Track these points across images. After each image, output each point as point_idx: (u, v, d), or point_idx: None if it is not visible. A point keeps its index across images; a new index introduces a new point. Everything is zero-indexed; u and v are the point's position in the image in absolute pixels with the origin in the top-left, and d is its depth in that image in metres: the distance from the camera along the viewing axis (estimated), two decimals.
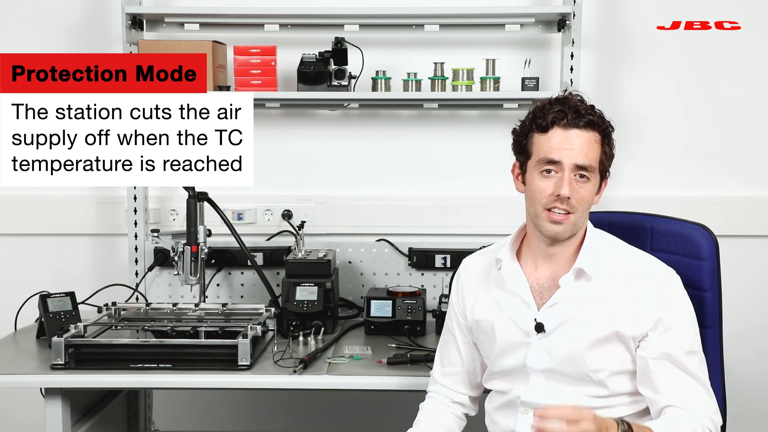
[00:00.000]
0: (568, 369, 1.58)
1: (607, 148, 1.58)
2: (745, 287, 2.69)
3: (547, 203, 1.55)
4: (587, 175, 1.54)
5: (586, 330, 1.55)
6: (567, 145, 1.53)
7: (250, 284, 2.65)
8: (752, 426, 2.78)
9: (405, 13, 2.53)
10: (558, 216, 1.54)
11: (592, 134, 1.55)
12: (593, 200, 1.60)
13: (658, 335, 1.53)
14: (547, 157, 1.55)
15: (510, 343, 1.64)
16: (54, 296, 2.24)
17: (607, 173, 1.63)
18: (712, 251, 1.68)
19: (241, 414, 2.87)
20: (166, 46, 2.46)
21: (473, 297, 1.73)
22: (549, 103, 1.58)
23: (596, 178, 1.58)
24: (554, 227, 1.55)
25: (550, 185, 1.54)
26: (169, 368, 1.99)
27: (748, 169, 2.71)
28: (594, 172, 1.56)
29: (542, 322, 1.59)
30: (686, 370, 1.52)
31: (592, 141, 1.55)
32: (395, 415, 2.83)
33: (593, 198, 1.59)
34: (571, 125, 1.54)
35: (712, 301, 1.67)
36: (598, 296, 1.57)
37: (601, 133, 1.57)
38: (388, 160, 2.73)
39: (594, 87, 2.67)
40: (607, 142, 1.58)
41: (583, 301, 1.57)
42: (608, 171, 1.62)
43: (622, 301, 1.55)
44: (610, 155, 1.60)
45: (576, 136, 1.53)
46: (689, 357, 1.53)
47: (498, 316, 1.66)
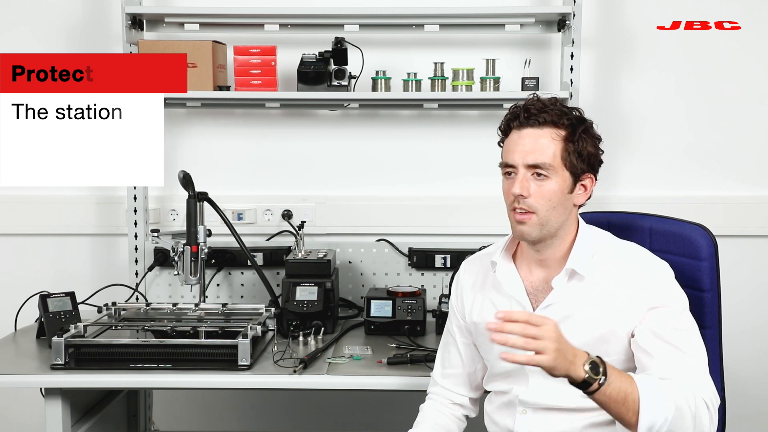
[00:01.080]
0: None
1: (577, 143, 1.54)
2: (745, 287, 2.69)
3: (510, 204, 1.58)
4: (543, 173, 1.53)
5: (581, 330, 1.55)
6: (519, 145, 1.55)
7: (250, 284, 2.65)
8: (752, 426, 2.78)
9: (405, 13, 2.53)
10: (520, 216, 1.55)
11: (549, 131, 1.53)
12: (566, 199, 1.56)
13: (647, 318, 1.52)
14: (503, 161, 1.59)
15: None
16: (54, 296, 2.24)
17: (588, 170, 1.57)
18: (711, 251, 1.67)
19: (241, 414, 2.87)
20: (166, 46, 2.46)
21: (471, 299, 1.74)
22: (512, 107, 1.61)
23: (562, 175, 1.54)
24: (519, 227, 1.56)
25: (509, 186, 1.56)
26: (169, 368, 1.99)
27: (748, 169, 2.71)
28: (552, 169, 1.53)
29: None
30: (677, 346, 1.48)
31: (548, 138, 1.53)
32: (395, 415, 2.83)
33: (561, 196, 1.55)
34: (523, 125, 1.55)
35: (712, 301, 1.66)
36: (592, 296, 1.57)
37: (565, 128, 1.54)
38: (388, 160, 2.73)
39: (594, 87, 2.67)
40: (576, 137, 1.54)
41: (578, 301, 1.57)
42: (585, 167, 1.57)
43: (615, 299, 1.54)
44: (583, 151, 1.55)
45: (528, 135, 1.54)
46: (680, 333, 1.50)
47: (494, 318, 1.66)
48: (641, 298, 1.53)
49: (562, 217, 1.57)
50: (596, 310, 1.56)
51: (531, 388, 1.62)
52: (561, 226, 1.58)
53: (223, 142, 2.73)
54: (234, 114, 2.74)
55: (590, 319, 1.56)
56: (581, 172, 1.57)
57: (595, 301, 1.56)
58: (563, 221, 1.58)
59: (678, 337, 1.50)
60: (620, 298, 1.54)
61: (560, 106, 1.57)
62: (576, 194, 1.58)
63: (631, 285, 1.55)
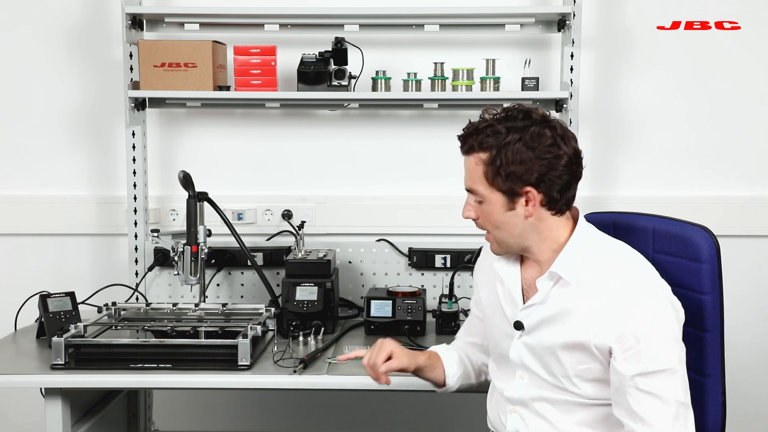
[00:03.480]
0: (540, 370, 1.60)
1: (500, 164, 1.52)
2: (745, 287, 2.69)
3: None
4: (477, 198, 1.59)
5: (555, 335, 1.55)
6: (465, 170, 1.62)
7: (250, 284, 2.65)
8: (752, 426, 2.78)
9: (405, 13, 2.53)
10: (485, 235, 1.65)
11: (474, 156, 1.57)
12: (509, 217, 1.56)
13: (622, 354, 1.47)
14: None
15: (502, 332, 1.69)
16: (54, 296, 2.24)
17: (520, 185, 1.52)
18: (712, 253, 1.64)
19: (241, 414, 2.87)
20: (165, 46, 2.46)
21: (484, 280, 1.78)
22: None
23: (493, 197, 1.55)
24: (490, 245, 1.66)
25: None
26: (169, 368, 1.99)
27: (748, 169, 2.71)
28: (481, 193, 1.57)
29: (521, 320, 1.62)
30: (650, 392, 1.44)
31: (473, 163, 1.57)
32: (395, 415, 2.85)
33: (501, 216, 1.56)
34: (463, 153, 1.62)
35: (713, 304, 1.63)
36: (574, 301, 1.54)
37: (487, 151, 1.54)
38: (388, 160, 2.73)
39: (594, 87, 2.67)
40: (499, 158, 1.52)
41: (561, 307, 1.56)
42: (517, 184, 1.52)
43: (591, 309, 1.51)
44: (508, 169, 1.51)
45: (465, 163, 1.61)
46: (651, 378, 1.44)
47: (496, 305, 1.70)
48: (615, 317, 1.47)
49: (517, 231, 1.57)
50: (577, 318, 1.53)
51: (516, 383, 1.65)
52: (525, 238, 1.58)
53: (223, 142, 2.73)
54: (234, 114, 2.74)
55: (569, 326, 1.54)
56: (512, 189, 1.54)
57: (579, 309, 1.53)
58: (522, 234, 1.58)
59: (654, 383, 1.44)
60: (597, 310, 1.50)
61: (487, 127, 1.55)
62: (520, 209, 1.56)
63: (611, 301, 1.49)
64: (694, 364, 1.65)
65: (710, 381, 1.64)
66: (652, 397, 1.44)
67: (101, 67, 2.70)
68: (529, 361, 1.62)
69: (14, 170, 2.74)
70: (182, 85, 2.45)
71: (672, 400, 1.44)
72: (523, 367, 1.64)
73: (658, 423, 1.44)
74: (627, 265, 1.55)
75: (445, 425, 2.83)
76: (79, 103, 2.72)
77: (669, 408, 1.44)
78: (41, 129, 2.73)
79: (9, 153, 2.74)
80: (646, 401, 1.45)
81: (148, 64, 2.45)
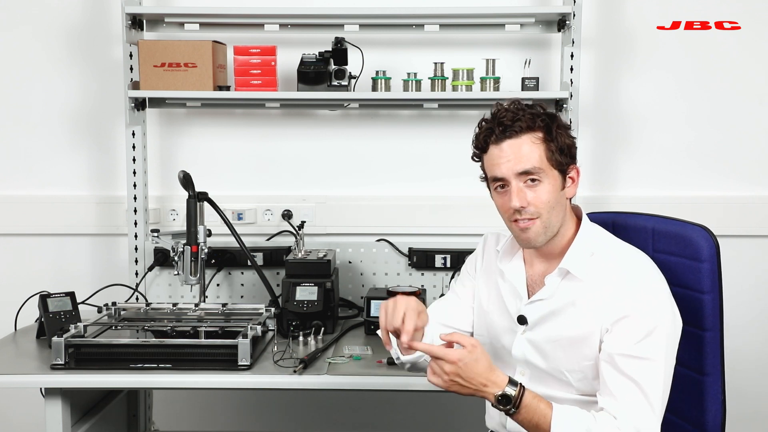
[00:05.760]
0: (545, 365, 1.60)
1: (555, 140, 1.55)
2: (745, 287, 2.69)
3: (510, 217, 1.58)
4: (536, 177, 1.54)
5: (562, 329, 1.56)
6: (503, 158, 1.55)
7: (250, 284, 2.65)
8: (752, 425, 2.78)
9: (405, 13, 2.53)
10: (524, 224, 1.56)
11: (527, 136, 1.54)
12: (561, 196, 1.57)
13: (613, 333, 1.49)
14: (492, 176, 1.59)
15: (503, 328, 1.68)
16: (54, 296, 2.24)
17: (569, 163, 1.58)
18: (712, 253, 1.65)
19: (241, 414, 2.87)
20: (165, 46, 2.46)
21: (483, 275, 1.77)
22: (482, 122, 1.61)
23: (552, 174, 1.55)
24: (524, 235, 1.57)
25: (506, 201, 1.57)
26: (169, 368, 1.98)
27: (748, 169, 2.71)
28: (543, 171, 1.54)
29: (525, 315, 1.62)
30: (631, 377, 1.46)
31: (529, 143, 1.54)
32: (395, 415, 2.85)
33: (557, 195, 1.56)
34: (500, 139, 1.55)
35: (712, 303, 1.64)
36: (582, 295, 1.56)
37: (541, 130, 1.55)
38: (388, 160, 2.73)
39: (594, 87, 2.67)
40: (552, 134, 1.55)
41: (567, 300, 1.57)
42: (569, 160, 1.57)
43: (600, 303, 1.53)
44: (561, 145, 1.55)
45: (509, 146, 1.54)
46: (632, 361, 1.46)
47: (497, 300, 1.70)
48: (615, 307, 1.50)
49: (561, 214, 1.59)
50: (581, 310, 1.55)
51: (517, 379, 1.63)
52: (562, 223, 1.60)
53: (223, 142, 2.73)
54: (234, 114, 2.74)
55: (574, 318, 1.56)
56: (567, 165, 1.58)
57: (583, 303, 1.55)
58: (562, 218, 1.60)
59: (634, 367, 1.46)
60: (604, 304, 1.52)
61: (529, 109, 1.57)
62: (567, 189, 1.60)
63: (614, 293, 1.51)
64: (694, 363, 1.65)
65: (710, 380, 1.64)
66: (628, 380, 1.46)
67: (101, 67, 2.70)
68: (532, 356, 1.62)
69: (14, 170, 2.75)
70: (182, 85, 2.46)
71: (647, 390, 1.45)
72: (525, 363, 1.64)
73: (626, 403, 1.45)
74: (633, 260, 1.58)
75: (444, 425, 2.83)
76: (79, 103, 2.72)
77: (641, 395, 1.45)
78: (41, 129, 2.73)
79: (9, 153, 2.74)
80: (621, 381, 1.46)
81: (148, 64, 2.45)
